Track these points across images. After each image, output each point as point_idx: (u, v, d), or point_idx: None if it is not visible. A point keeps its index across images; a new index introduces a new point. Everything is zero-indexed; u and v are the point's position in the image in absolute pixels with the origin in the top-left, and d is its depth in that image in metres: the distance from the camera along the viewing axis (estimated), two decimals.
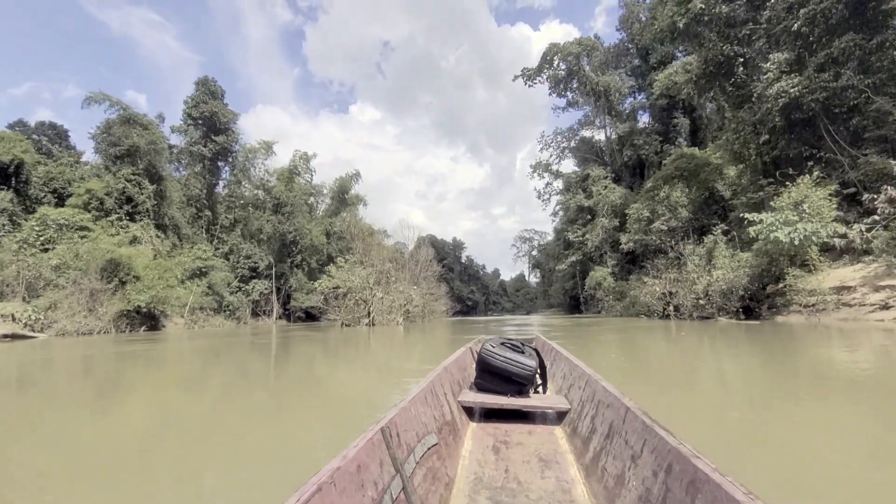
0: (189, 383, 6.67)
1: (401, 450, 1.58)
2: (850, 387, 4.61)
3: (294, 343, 14.59)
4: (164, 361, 9.96)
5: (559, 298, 51.95)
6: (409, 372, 6.92)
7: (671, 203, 27.49)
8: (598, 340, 11.49)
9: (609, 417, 1.94)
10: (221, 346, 13.67)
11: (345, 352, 11.39)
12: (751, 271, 14.30)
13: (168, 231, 37.40)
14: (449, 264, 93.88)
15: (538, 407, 2.71)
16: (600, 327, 16.49)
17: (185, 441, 3.45)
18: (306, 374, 7.62)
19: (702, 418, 3.60)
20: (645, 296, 18.04)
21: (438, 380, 2.57)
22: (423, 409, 2.03)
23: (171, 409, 4.70)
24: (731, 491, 1.01)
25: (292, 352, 11.78)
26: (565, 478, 1.86)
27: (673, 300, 16.91)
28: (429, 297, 31.22)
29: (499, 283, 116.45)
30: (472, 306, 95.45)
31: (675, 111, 40.20)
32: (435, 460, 1.80)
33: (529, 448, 2.22)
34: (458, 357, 3.53)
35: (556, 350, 4.06)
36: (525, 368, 2.90)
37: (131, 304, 24.89)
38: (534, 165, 52.62)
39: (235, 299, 38.86)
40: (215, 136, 41.14)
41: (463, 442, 2.31)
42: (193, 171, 41.47)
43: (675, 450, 1.30)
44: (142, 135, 34.59)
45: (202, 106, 41.03)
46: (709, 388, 5.07)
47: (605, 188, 37.50)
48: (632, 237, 29.93)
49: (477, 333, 12.60)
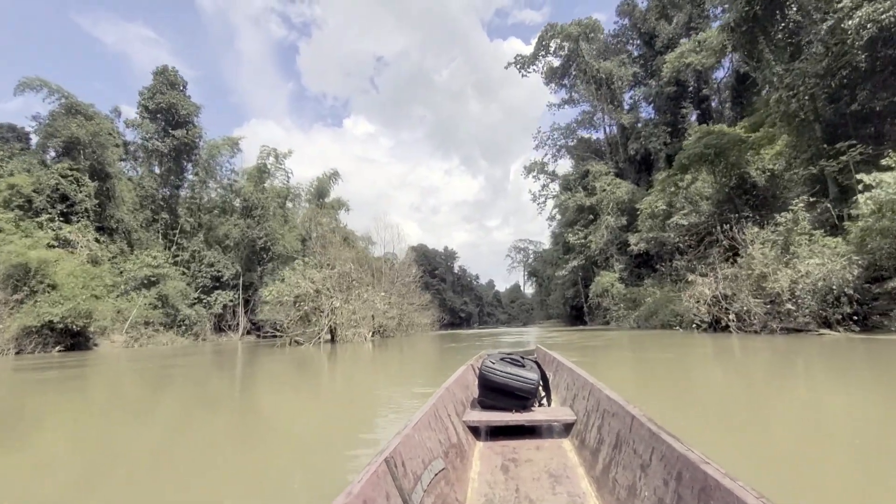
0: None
1: (407, 479, 1.50)
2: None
3: (225, 368, 10.19)
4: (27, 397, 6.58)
5: (559, 308, 47.46)
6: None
7: (691, 194, 23.47)
8: (664, 381, 7.19)
9: (616, 427, 1.92)
10: (138, 373, 10.18)
11: (253, 389, 7.02)
12: (863, 261, 10.02)
13: (115, 235, 32.84)
14: (441, 275, 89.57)
15: (544, 420, 2.68)
16: (627, 349, 12.25)
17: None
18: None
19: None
20: (689, 299, 13.60)
21: (441, 401, 2.45)
22: (427, 434, 1.94)
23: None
24: (742, 496, 1.00)
25: (211, 382, 7.49)
26: (577, 492, 1.81)
27: (732, 305, 12.46)
28: (408, 308, 26.75)
29: (493, 295, 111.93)
30: (465, 318, 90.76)
31: (684, 100, 36.55)
32: (443, 486, 1.73)
33: (538, 464, 2.17)
34: (460, 376, 3.34)
35: (558, 360, 3.93)
36: (527, 382, 2.80)
37: (40, 319, 20.26)
38: (528, 166, 48.65)
39: (194, 312, 34.15)
40: (173, 130, 36.81)
41: (471, 463, 2.22)
42: (149, 168, 37.07)
43: (683, 457, 1.30)
44: (83, 125, 30.25)
45: (159, 97, 36.80)
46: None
47: (609, 183, 33.47)
48: (644, 236, 25.78)
49: (450, 357, 8.43)
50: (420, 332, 30.15)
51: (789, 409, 4.12)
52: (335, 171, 51.82)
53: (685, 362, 8.16)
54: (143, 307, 29.08)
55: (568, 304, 42.45)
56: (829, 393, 4.87)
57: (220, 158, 40.08)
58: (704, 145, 19.43)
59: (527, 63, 39.08)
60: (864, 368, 6.36)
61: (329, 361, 11.74)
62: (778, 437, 3.20)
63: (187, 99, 38.65)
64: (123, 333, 26.96)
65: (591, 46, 37.14)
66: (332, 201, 52.32)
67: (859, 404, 4.16)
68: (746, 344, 10.31)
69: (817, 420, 3.68)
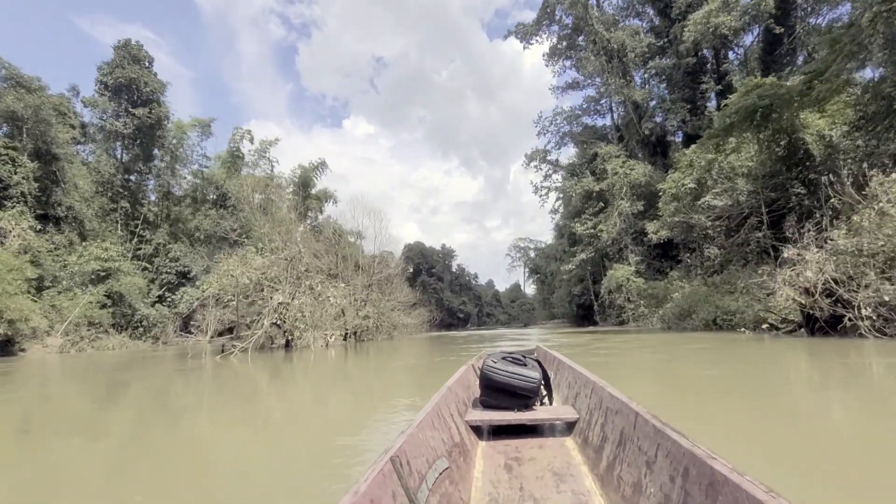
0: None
1: (412, 478, 1.48)
2: None
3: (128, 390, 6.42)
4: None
5: (564, 307, 43.42)
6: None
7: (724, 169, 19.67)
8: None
9: (619, 424, 1.90)
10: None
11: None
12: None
13: (63, 224, 28.95)
14: (438, 273, 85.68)
15: (546, 419, 2.67)
16: (698, 362, 8.57)
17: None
18: None
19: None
20: (785, 284, 9.29)
21: (444, 401, 2.42)
22: (430, 433, 1.92)
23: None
24: (751, 490, 0.97)
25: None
26: (581, 490, 1.79)
27: (858, 294, 8.43)
28: (386, 306, 22.84)
29: (493, 294, 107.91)
30: (463, 318, 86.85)
31: (703, 74, 32.77)
32: (448, 485, 1.71)
33: (542, 462, 2.15)
34: (461, 375, 3.28)
35: (559, 359, 3.92)
36: (529, 381, 2.77)
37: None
38: (529, 154, 44.85)
39: (154, 312, 30.31)
40: (134, 109, 32.93)
41: (474, 462, 2.20)
42: (107, 152, 33.22)
43: (689, 452, 1.27)
44: (21, 98, 26.40)
45: (119, 72, 32.93)
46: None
47: (622, 165, 29.60)
48: (667, 220, 21.92)
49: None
50: (407, 334, 26.30)
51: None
52: (322, 161, 48.08)
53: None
54: (87, 306, 25.21)
55: (574, 302, 38.51)
56: None
57: (188, 142, 36.15)
58: (758, 96, 15.58)
59: (529, 33, 35.12)
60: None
61: (259, 381, 7.94)
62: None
63: (152, 75, 34.76)
64: (60, 336, 23.11)
65: (600, 13, 33.32)
66: (318, 192, 48.58)
67: None
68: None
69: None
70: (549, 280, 53.22)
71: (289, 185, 44.88)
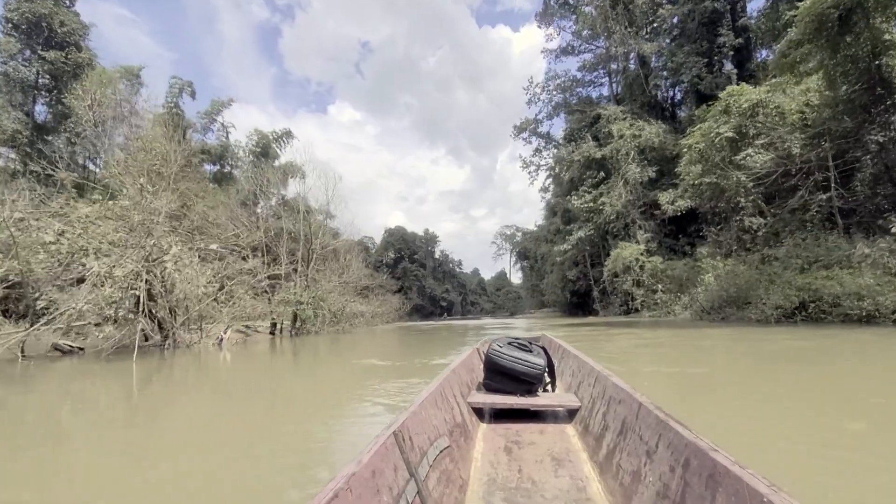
0: None
1: (413, 453, 1.50)
2: None
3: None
4: None
5: (555, 295, 39.01)
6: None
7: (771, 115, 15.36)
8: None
9: (621, 414, 1.88)
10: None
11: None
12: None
13: None
14: (420, 260, 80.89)
15: (548, 405, 2.66)
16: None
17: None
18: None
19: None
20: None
21: (447, 381, 2.44)
22: (433, 412, 1.94)
23: None
24: (753, 483, 0.96)
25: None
26: (579, 476, 1.79)
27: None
28: (332, 289, 17.98)
29: (478, 282, 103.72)
30: (446, 307, 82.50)
31: (720, 26, 28.39)
32: (448, 462, 1.73)
33: (541, 447, 2.15)
34: (466, 358, 3.32)
35: (564, 347, 3.89)
36: (534, 367, 2.79)
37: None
38: (518, 125, 40.22)
39: None
40: (44, 52, 27.17)
41: (474, 443, 2.22)
42: (10, 102, 27.44)
43: (692, 444, 1.26)
44: None
45: (26, 6, 27.05)
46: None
47: (629, 127, 25.11)
48: (694, 181, 17.53)
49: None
50: (367, 325, 21.71)
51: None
52: (288, 131, 42.64)
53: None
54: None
55: (568, 288, 34.17)
56: None
57: (115, 96, 30.41)
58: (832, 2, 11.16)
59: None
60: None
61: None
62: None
63: (69, 12, 28.91)
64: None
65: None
66: (283, 165, 43.24)
67: None
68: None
69: None
70: (539, 265, 48.87)
71: (244, 153, 39.47)
